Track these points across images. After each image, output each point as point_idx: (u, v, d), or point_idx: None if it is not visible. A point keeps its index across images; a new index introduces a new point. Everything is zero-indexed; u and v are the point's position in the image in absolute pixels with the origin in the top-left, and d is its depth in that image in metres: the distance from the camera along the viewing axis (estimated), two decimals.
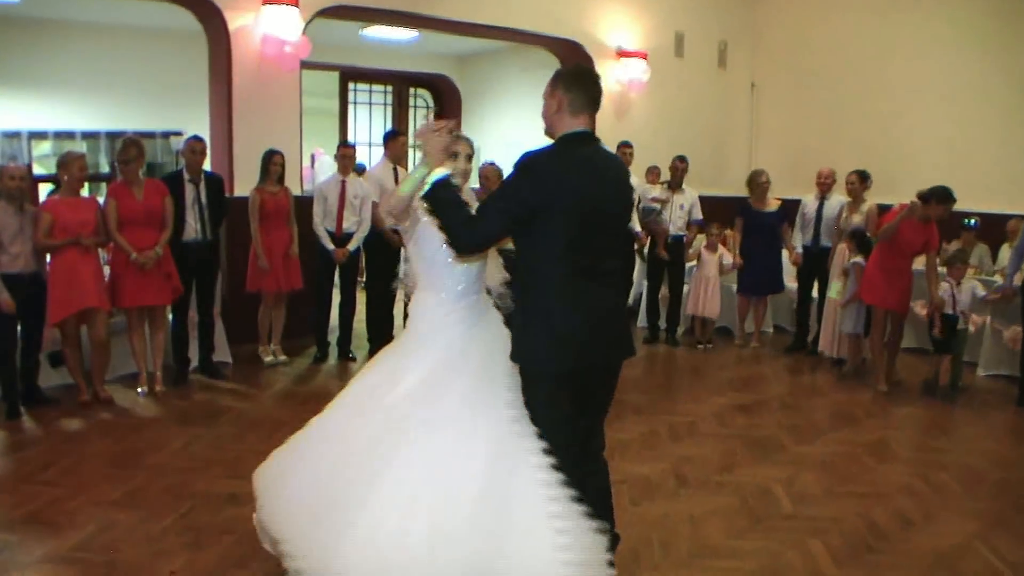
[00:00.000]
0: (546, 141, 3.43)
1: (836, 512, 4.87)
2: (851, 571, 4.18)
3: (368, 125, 14.05)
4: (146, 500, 4.84)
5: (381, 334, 8.15)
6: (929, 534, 4.64)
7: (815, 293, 8.80)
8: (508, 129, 13.51)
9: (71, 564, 4.06)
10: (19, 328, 6.34)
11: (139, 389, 6.93)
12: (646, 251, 9.31)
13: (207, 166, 7.60)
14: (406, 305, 4.21)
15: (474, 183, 5.93)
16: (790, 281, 9.24)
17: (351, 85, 13.92)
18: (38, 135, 11.70)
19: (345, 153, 8.07)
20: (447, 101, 14.89)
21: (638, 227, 8.81)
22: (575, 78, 3.41)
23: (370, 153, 13.66)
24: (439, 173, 3.31)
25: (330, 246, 7.87)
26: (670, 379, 8.00)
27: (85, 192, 7.32)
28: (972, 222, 8.95)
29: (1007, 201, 9.19)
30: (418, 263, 3.71)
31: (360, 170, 9.71)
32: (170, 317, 7.24)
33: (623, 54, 10.71)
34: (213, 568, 4.02)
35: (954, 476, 5.51)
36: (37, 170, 10.94)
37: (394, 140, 8.33)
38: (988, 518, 4.87)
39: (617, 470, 5.33)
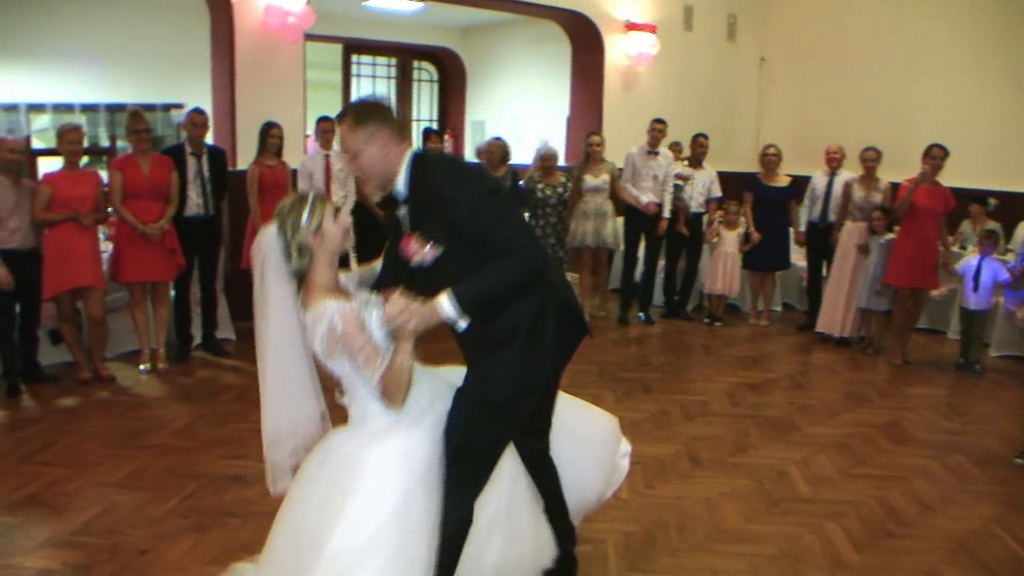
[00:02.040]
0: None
1: (853, 495, 4.80)
2: (871, 556, 4.10)
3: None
4: (148, 481, 4.75)
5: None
6: (948, 518, 4.56)
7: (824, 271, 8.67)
8: (514, 103, 13.35)
9: (74, 548, 3.98)
10: (18, 304, 6.23)
11: (141, 366, 6.83)
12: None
13: (209, 139, 7.46)
14: None
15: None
16: (798, 259, 9.14)
17: (354, 57, 13.77)
18: (37, 108, 11.54)
19: (325, 127, 7.94)
20: (451, 74, 14.72)
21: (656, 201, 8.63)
22: (378, 107, 3.05)
23: None
24: (446, 305, 2.80)
25: None
26: (679, 357, 7.89)
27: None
28: (990, 202, 8.83)
29: (1022, 179, 9.05)
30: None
31: None
32: (172, 293, 7.13)
33: (632, 27, 10.53)
34: (219, 552, 3.93)
35: (970, 458, 5.43)
36: (36, 144, 10.81)
37: None
38: (1006, 501, 4.81)
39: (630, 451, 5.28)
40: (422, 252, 2.91)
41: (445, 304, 2.79)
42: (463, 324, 2.84)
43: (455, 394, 3.00)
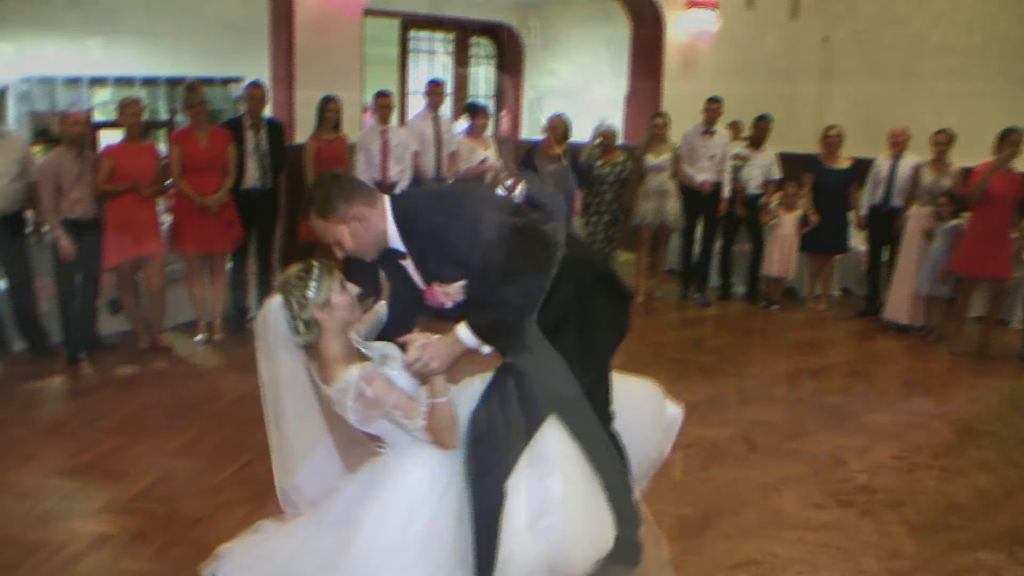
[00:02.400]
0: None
1: (912, 485, 4.70)
2: (928, 548, 4.02)
3: (428, 74, 13.85)
4: (204, 451, 4.82)
5: None
6: (1010, 512, 4.45)
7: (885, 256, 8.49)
8: (572, 81, 13.25)
9: (132, 514, 4.05)
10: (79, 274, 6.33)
11: (198, 337, 6.92)
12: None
13: (267, 112, 7.50)
14: None
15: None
16: (858, 243, 8.97)
17: (411, 33, 13.74)
18: (98, 81, 11.69)
19: (383, 102, 7.90)
20: (509, 51, 14.63)
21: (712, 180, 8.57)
22: (335, 186, 2.90)
23: None
24: (464, 335, 2.74)
25: None
26: (736, 339, 7.80)
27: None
28: None
29: None
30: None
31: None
32: (229, 265, 7.20)
33: (693, 3, 10.41)
34: None
35: None
36: (97, 116, 10.95)
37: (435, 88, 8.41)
38: None
39: (685, 433, 5.19)
40: (450, 294, 2.86)
41: (463, 335, 2.74)
42: (486, 350, 2.79)
43: (496, 372, 2.95)
